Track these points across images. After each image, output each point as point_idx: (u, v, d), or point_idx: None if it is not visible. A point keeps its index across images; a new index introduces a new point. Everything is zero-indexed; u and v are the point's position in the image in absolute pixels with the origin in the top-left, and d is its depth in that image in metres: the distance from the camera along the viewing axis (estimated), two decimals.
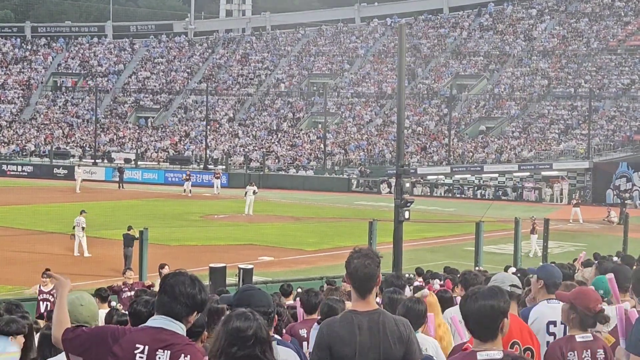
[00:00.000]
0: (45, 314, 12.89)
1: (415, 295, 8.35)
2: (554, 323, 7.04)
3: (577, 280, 9.19)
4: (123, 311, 7.75)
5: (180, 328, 4.88)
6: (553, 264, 8.52)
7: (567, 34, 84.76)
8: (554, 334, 7.06)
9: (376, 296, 5.98)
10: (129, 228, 28.96)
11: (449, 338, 7.94)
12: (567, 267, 9.10)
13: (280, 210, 51.12)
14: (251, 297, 5.46)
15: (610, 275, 6.62)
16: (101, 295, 14.86)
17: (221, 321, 4.44)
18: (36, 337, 6.91)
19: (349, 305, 7.54)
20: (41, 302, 19.06)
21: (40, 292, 19.36)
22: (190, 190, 60.57)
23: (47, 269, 19.28)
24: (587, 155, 65.41)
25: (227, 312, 4.64)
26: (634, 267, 12.17)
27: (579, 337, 5.87)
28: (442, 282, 14.29)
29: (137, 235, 27.39)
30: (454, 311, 8.32)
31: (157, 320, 4.88)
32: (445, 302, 9.24)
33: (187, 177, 62.71)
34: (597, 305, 5.90)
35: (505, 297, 4.99)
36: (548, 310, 7.13)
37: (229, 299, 5.74)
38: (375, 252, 5.69)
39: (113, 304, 15.15)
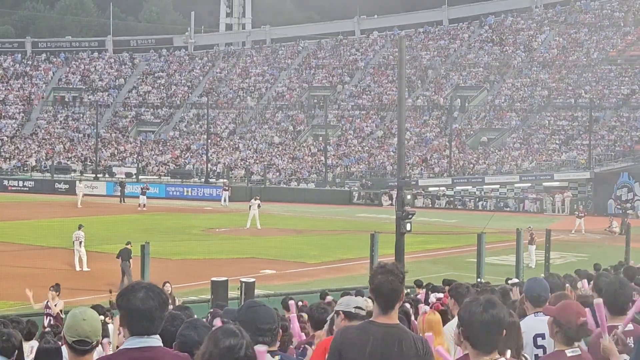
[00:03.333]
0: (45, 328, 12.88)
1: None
2: (542, 336, 7.00)
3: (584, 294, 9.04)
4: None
5: (156, 340, 4.84)
6: (539, 277, 8.41)
7: (567, 44, 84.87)
8: (542, 347, 7.06)
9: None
10: (128, 243, 28.95)
11: None
12: (557, 277, 9.03)
13: (281, 223, 51.07)
14: (255, 313, 5.42)
15: (599, 302, 6.08)
16: (99, 311, 14.83)
17: (208, 338, 4.28)
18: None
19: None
20: (44, 317, 19.11)
21: (47, 306, 19.44)
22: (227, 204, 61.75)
23: (57, 284, 19.41)
24: (588, 165, 65.38)
25: (213, 329, 4.55)
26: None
27: (569, 351, 5.80)
28: (440, 296, 14.19)
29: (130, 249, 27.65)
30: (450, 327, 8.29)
31: (132, 341, 4.82)
32: (445, 317, 9.19)
33: (226, 188, 63.91)
34: (579, 318, 5.84)
35: (505, 308, 4.97)
36: (535, 324, 7.12)
37: (233, 314, 5.70)
38: (399, 267, 5.64)
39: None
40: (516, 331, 6.16)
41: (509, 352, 5.45)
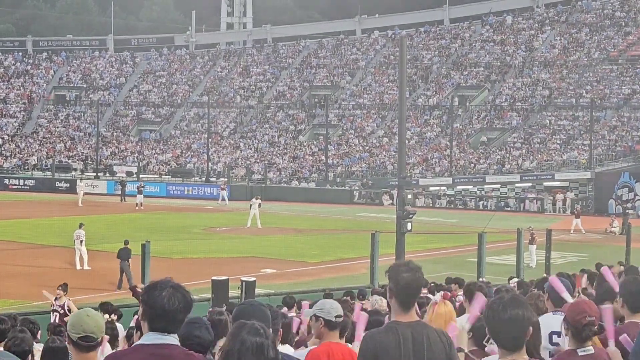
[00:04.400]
0: (51, 327, 12.89)
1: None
2: (558, 334, 7.00)
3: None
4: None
5: (174, 339, 4.83)
6: (562, 278, 8.41)
7: (568, 44, 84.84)
8: (557, 344, 7.04)
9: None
10: (126, 242, 28.96)
11: None
12: (565, 276, 9.04)
13: (282, 223, 51.07)
14: (250, 314, 5.39)
15: (608, 307, 6.15)
16: (107, 310, 14.92)
17: (232, 336, 4.29)
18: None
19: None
20: (51, 313, 19.26)
21: (53, 304, 19.60)
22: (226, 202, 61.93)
23: (65, 284, 19.52)
24: (589, 165, 65.37)
25: (235, 325, 4.53)
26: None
27: (581, 351, 5.82)
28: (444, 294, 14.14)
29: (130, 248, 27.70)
30: (459, 321, 8.28)
31: (149, 337, 4.82)
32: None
33: (223, 187, 64.09)
34: (584, 317, 5.84)
35: (529, 307, 4.99)
36: (552, 321, 7.10)
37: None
38: (416, 263, 5.71)
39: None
40: (536, 330, 6.19)
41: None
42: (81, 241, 31.80)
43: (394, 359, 5.43)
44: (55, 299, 19.52)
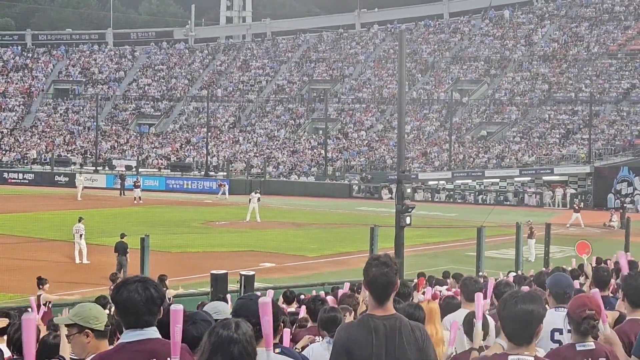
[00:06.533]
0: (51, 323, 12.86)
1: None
2: (560, 331, 6.98)
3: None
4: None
5: (153, 332, 4.87)
6: (564, 274, 8.38)
7: (567, 38, 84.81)
8: (559, 341, 6.99)
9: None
10: (122, 236, 28.93)
11: (441, 349, 7.79)
12: (568, 272, 9.01)
13: (281, 217, 51.08)
14: (250, 308, 5.36)
15: (595, 291, 6.27)
16: (101, 303, 14.84)
17: (207, 330, 4.30)
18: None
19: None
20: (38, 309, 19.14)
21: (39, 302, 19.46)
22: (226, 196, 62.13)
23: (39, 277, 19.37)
24: (588, 159, 65.37)
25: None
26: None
27: (579, 345, 5.81)
28: (440, 289, 14.17)
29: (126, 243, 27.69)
30: (456, 316, 8.27)
31: (127, 335, 4.86)
32: (454, 308, 9.20)
33: (221, 184, 64.49)
34: (584, 310, 5.84)
35: (543, 303, 5.03)
36: (554, 318, 7.05)
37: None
38: (392, 258, 5.68)
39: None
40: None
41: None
42: (81, 235, 31.83)
43: (365, 351, 5.46)
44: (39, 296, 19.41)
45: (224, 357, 4.15)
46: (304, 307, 11.40)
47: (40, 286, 19.26)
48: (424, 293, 12.23)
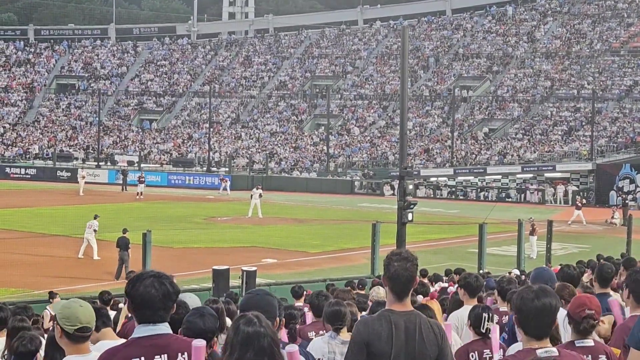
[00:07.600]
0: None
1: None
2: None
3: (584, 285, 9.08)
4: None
5: (165, 327, 4.89)
6: (545, 267, 8.40)
7: (570, 35, 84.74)
8: None
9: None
10: (124, 231, 28.88)
11: None
12: (572, 268, 8.95)
13: (283, 213, 51.07)
14: (256, 304, 5.39)
15: (614, 300, 6.32)
16: (103, 299, 14.88)
17: (231, 327, 4.39)
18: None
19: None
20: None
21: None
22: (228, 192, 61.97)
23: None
24: (591, 156, 65.33)
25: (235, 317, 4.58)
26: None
27: (578, 342, 5.83)
28: (444, 285, 14.18)
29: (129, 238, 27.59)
30: (461, 313, 8.31)
31: (140, 329, 4.87)
32: (458, 305, 9.24)
33: (223, 179, 64.37)
34: (583, 310, 5.86)
35: (557, 296, 5.08)
36: None
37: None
38: (413, 253, 5.70)
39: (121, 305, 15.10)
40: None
41: None
42: (94, 230, 31.50)
43: (385, 346, 5.46)
44: None
45: (256, 352, 4.26)
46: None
47: (51, 300, 19.34)
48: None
